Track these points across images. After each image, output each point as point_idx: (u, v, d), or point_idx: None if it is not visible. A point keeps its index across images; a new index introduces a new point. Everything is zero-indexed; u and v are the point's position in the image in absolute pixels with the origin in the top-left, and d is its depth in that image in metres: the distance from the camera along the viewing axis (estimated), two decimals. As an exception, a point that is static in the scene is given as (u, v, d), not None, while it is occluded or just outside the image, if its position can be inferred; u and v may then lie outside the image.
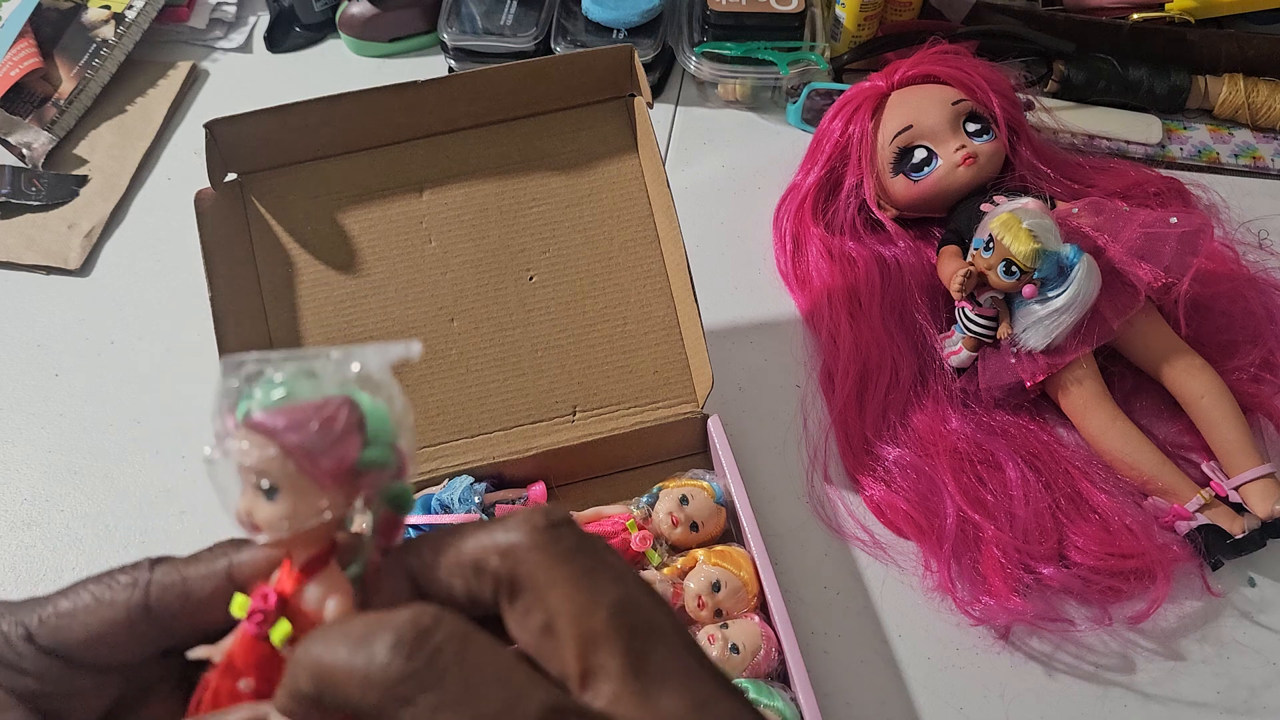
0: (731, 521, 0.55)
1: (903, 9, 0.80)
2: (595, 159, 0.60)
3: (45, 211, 0.75)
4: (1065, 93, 0.77)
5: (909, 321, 0.63)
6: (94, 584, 0.24)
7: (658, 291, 0.59)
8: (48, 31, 0.82)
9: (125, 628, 0.23)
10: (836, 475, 0.60)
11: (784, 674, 0.50)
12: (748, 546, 0.53)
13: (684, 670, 0.20)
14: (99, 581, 0.24)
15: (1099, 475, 0.56)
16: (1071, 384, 0.58)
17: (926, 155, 0.64)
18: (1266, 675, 0.53)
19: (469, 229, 0.59)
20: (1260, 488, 0.54)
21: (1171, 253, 0.57)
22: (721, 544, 0.54)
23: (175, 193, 0.77)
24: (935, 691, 0.52)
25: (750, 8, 0.75)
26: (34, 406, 0.65)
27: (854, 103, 0.67)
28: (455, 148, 0.59)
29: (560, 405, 0.58)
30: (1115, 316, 0.57)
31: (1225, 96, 0.76)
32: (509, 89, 0.58)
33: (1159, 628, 0.54)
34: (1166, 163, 0.75)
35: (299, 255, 0.58)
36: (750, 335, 0.66)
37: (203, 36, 0.87)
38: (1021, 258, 0.55)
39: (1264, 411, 0.59)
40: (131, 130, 0.80)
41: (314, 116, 0.55)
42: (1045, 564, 0.53)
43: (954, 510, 0.55)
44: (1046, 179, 0.66)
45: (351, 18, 0.84)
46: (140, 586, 0.24)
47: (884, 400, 0.60)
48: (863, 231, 0.67)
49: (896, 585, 0.56)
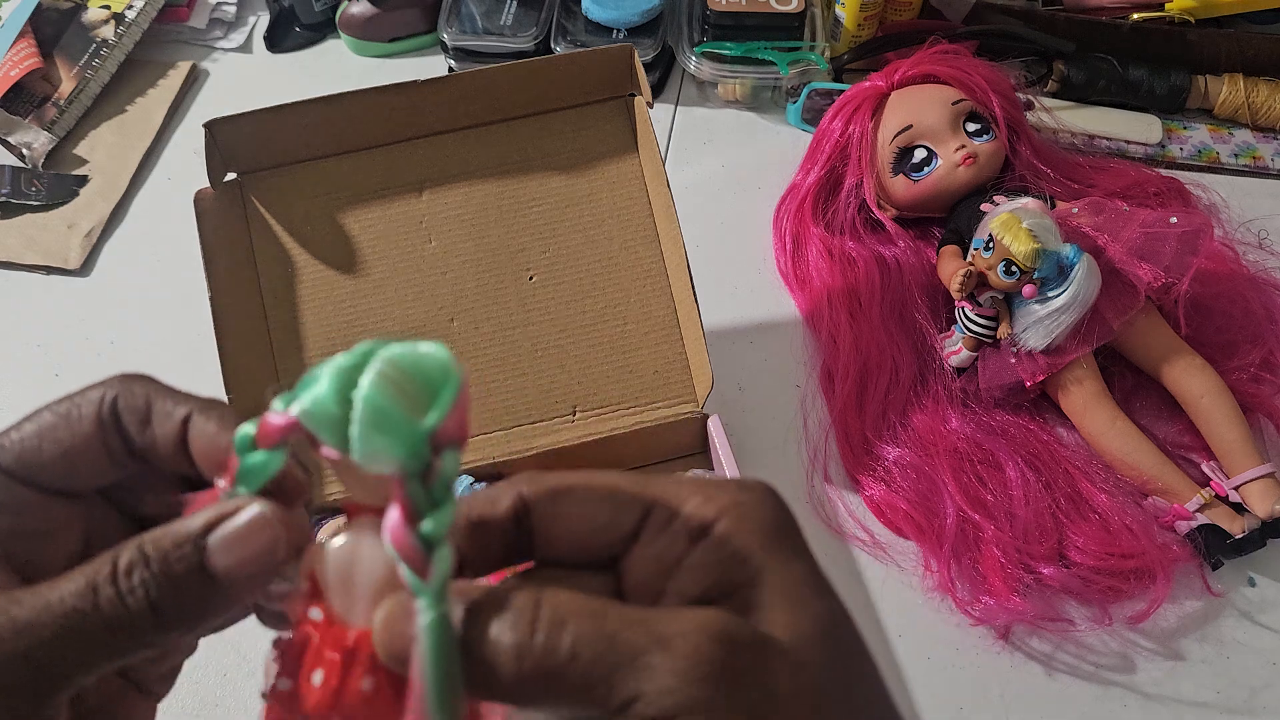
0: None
1: (903, 9, 0.80)
2: (595, 159, 0.60)
3: (45, 211, 0.75)
4: (1065, 93, 0.77)
5: (909, 321, 0.63)
6: (59, 404, 0.23)
7: (658, 291, 0.59)
8: (48, 31, 0.82)
9: (96, 441, 0.23)
10: (836, 475, 0.60)
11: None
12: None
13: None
14: (64, 401, 0.23)
15: (1099, 475, 0.56)
16: (1071, 384, 0.58)
17: (926, 155, 0.64)
18: (1266, 675, 0.53)
19: (469, 229, 0.59)
20: (1260, 488, 0.54)
21: (1171, 253, 0.57)
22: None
23: (175, 193, 0.76)
24: (935, 691, 0.52)
25: (750, 8, 0.75)
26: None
27: (854, 103, 0.67)
28: (455, 148, 0.59)
29: (560, 405, 0.58)
30: (1115, 316, 0.57)
31: (1225, 96, 0.76)
32: (509, 89, 0.58)
33: (1159, 628, 0.54)
34: (1166, 163, 0.75)
35: (299, 255, 0.58)
36: (750, 335, 0.66)
37: (203, 36, 0.87)
38: (1021, 258, 0.55)
39: (1264, 411, 0.59)
40: (131, 130, 0.80)
41: (314, 116, 0.55)
42: (1045, 564, 0.53)
43: (954, 510, 0.55)
44: (1046, 179, 0.66)
45: (351, 18, 0.84)
46: (110, 398, 0.23)
47: (884, 400, 0.60)
48: (863, 231, 0.67)
49: (896, 585, 0.56)
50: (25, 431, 0.23)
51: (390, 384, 0.20)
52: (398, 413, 0.20)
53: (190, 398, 0.24)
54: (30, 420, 0.23)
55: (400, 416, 0.20)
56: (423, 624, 0.20)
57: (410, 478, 0.20)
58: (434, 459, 0.21)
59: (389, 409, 0.20)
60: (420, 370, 0.21)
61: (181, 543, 0.21)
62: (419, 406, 0.20)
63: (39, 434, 0.23)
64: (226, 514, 0.21)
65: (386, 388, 0.20)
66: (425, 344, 0.21)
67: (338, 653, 0.21)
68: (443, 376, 0.21)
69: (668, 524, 0.22)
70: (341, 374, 0.21)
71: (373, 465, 0.20)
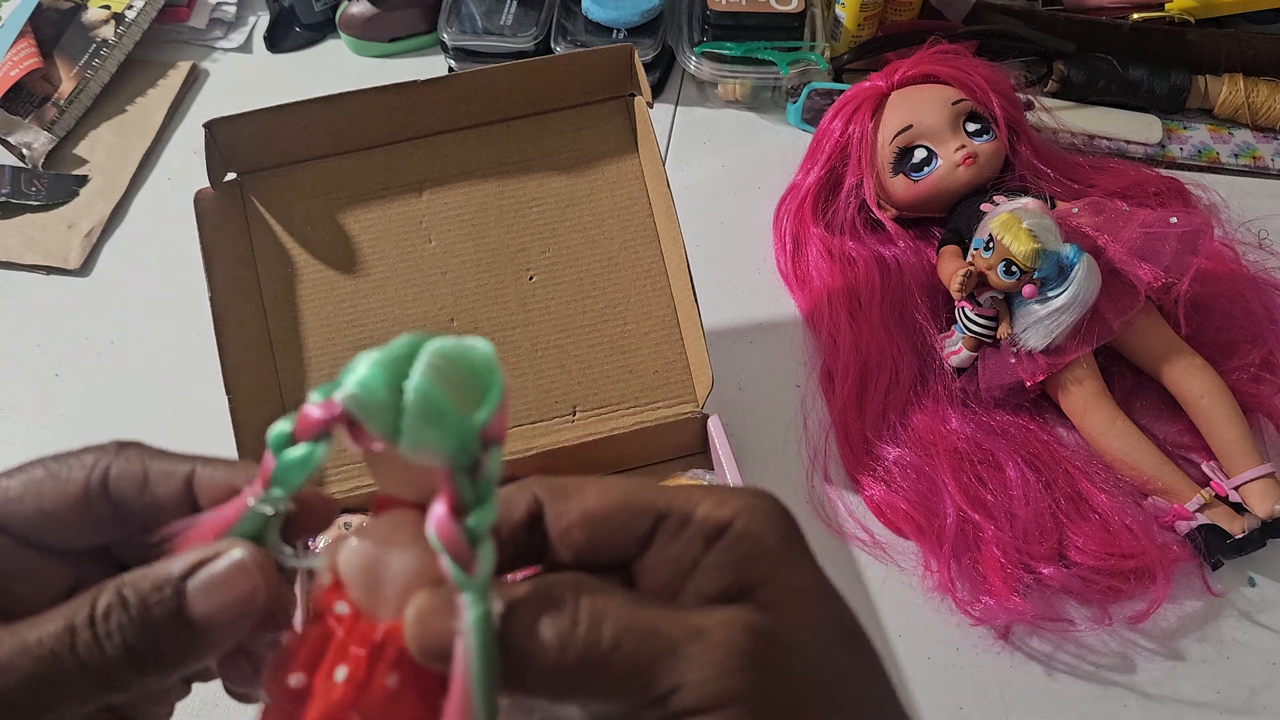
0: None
1: (903, 9, 0.80)
2: (595, 159, 0.60)
3: (45, 211, 0.75)
4: (1065, 93, 0.77)
5: (909, 321, 0.63)
6: (53, 461, 0.23)
7: (658, 291, 0.59)
8: (48, 31, 0.82)
9: (80, 507, 0.23)
10: (836, 475, 0.60)
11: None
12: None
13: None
14: (59, 459, 0.23)
15: (1099, 475, 0.56)
16: (1071, 384, 0.58)
17: (926, 155, 0.64)
18: (1266, 675, 0.53)
19: (469, 229, 0.59)
20: (1260, 488, 0.54)
21: (1171, 253, 0.57)
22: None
23: (175, 193, 0.76)
24: (935, 691, 0.52)
25: (750, 8, 0.75)
26: (34, 406, 0.65)
27: (854, 103, 0.67)
28: (455, 148, 0.59)
29: (560, 405, 0.58)
30: (1115, 316, 0.57)
31: (1225, 96, 0.76)
32: (509, 89, 0.58)
33: (1159, 628, 0.54)
34: (1166, 163, 0.75)
35: (299, 255, 0.58)
36: (750, 335, 0.66)
37: (203, 36, 0.87)
38: (1021, 258, 0.55)
39: (1264, 411, 0.59)
40: (131, 130, 0.80)
41: (314, 116, 0.55)
42: (1045, 564, 0.53)
43: (954, 510, 0.55)
44: (1046, 179, 0.66)
45: (351, 18, 0.84)
46: (100, 467, 0.23)
47: (884, 400, 0.60)
48: (863, 231, 0.67)
49: (896, 585, 0.56)
50: (11, 482, 0.23)
51: (441, 377, 0.20)
52: (450, 406, 0.20)
53: (190, 457, 0.24)
54: (19, 471, 0.23)
55: (452, 410, 0.20)
56: (469, 619, 0.20)
57: (458, 471, 0.20)
58: (481, 454, 0.21)
59: (442, 402, 0.20)
60: (468, 364, 0.21)
61: (161, 585, 0.21)
62: (466, 401, 0.20)
63: (24, 489, 0.23)
64: (207, 558, 0.21)
65: (438, 380, 0.20)
66: (472, 339, 0.21)
67: (364, 648, 0.21)
68: (489, 372, 0.21)
69: (682, 527, 0.22)
70: (388, 364, 0.20)
71: (419, 457, 0.20)
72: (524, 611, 0.20)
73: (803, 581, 0.22)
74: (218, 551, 0.21)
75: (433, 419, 0.20)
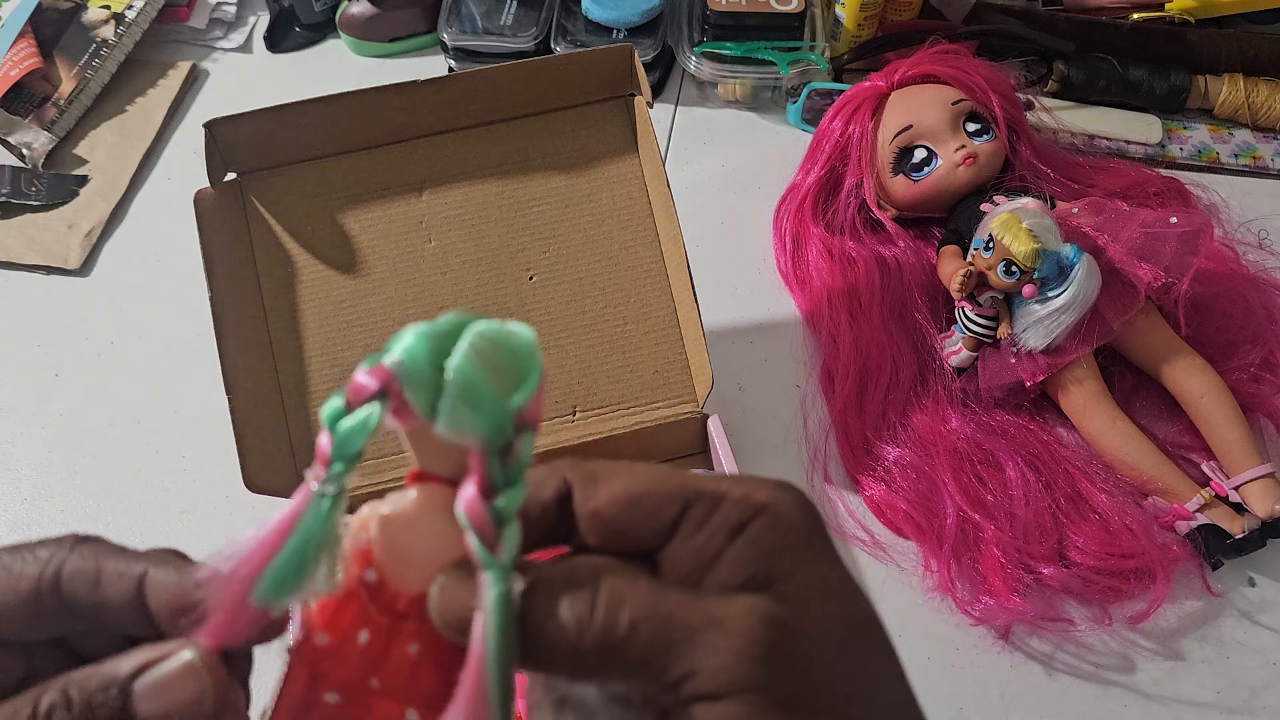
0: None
1: (903, 9, 0.80)
2: (595, 159, 0.60)
3: (45, 211, 0.75)
4: (1065, 93, 0.77)
5: (909, 321, 0.63)
6: (7, 553, 0.23)
7: (658, 291, 0.59)
8: (48, 31, 0.82)
9: (32, 603, 0.22)
10: (836, 475, 0.60)
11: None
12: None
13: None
14: (13, 552, 0.23)
15: (1099, 475, 0.56)
16: (1071, 384, 0.58)
17: (926, 155, 0.64)
18: (1266, 675, 0.53)
19: (469, 229, 0.59)
20: (1260, 488, 0.54)
21: (1171, 253, 0.57)
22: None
23: (175, 193, 0.76)
24: (935, 691, 0.52)
25: (750, 8, 0.75)
26: (34, 406, 0.65)
27: (854, 103, 0.67)
28: (455, 148, 0.59)
29: (560, 405, 0.58)
30: (1115, 316, 0.57)
31: (1225, 96, 0.76)
32: (509, 89, 0.58)
33: (1159, 628, 0.54)
34: (1166, 163, 0.75)
35: (299, 255, 0.58)
36: (750, 335, 0.66)
37: (203, 36, 0.87)
38: (1021, 258, 0.55)
39: (1264, 411, 0.59)
40: (131, 130, 0.80)
41: (314, 116, 0.55)
42: (1045, 564, 0.53)
43: (954, 510, 0.55)
44: (1046, 179, 0.66)
45: (351, 18, 0.84)
46: (54, 564, 0.23)
47: (884, 400, 0.60)
48: (863, 231, 0.67)
49: (896, 585, 0.56)
50: None
51: (482, 359, 0.20)
52: (488, 389, 0.20)
53: (143, 555, 0.23)
54: None
55: (490, 393, 0.20)
56: (490, 597, 0.20)
57: (491, 454, 0.21)
58: (514, 438, 0.21)
59: (481, 384, 0.20)
60: (510, 348, 0.21)
61: (107, 686, 0.21)
62: (505, 384, 0.21)
63: None
64: (156, 659, 0.21)
65: (479, 362, 0.20)
66: (514, 324, 0.22)
67: (387, 616, 0.22)
68: (529, 358, 0.21)
69: (708, 517, 0.22)
70: (434, 338, 0.21)
71: (454, 437, 0.21)
72: (544, 592, 0.21)
73: (824, 576, 0.22)
74: (167, 652, 0.21)
75: (470, 401, 0.20)
